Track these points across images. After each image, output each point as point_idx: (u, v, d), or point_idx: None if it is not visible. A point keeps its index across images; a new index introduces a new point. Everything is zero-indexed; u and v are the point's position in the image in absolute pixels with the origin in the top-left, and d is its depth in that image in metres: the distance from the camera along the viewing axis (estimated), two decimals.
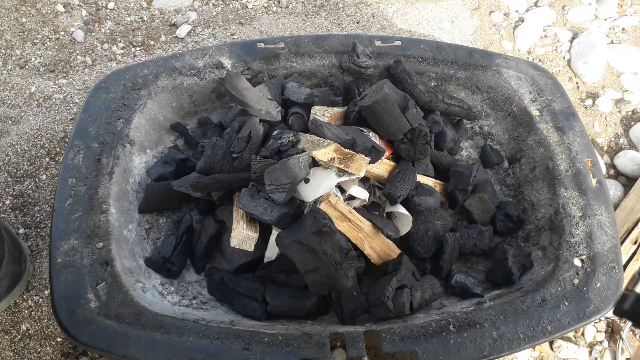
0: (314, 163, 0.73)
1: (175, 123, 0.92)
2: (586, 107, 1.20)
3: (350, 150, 0.68)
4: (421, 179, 0.81)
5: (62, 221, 0.75)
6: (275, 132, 0.75)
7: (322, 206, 0.69)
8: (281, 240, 0.68)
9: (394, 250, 0.78)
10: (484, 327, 0.71)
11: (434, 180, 0.86)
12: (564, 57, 1.28)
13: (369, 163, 0.71)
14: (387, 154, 0.79)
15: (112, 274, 0.72)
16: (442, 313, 0.75)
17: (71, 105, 1.08)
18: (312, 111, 0.79)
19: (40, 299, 0.86)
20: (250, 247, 0.70)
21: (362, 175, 0.70)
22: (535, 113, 0.93)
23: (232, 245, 0.69)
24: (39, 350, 0.82)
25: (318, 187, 0.69)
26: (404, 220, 0.77)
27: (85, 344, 0.66)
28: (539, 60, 1.28)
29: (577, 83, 1.24)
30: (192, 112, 0.96)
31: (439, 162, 0.89)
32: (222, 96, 0.95)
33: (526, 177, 0.92)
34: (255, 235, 0.70)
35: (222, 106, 0.95)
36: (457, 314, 0.72)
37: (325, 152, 0.68)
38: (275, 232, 0.73)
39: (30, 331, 0.83)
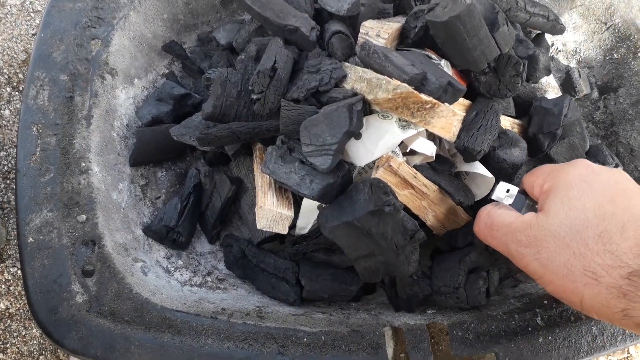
0: (367, 109, 0.53)
1: (168, 42, 0.69)
2: None
3: (431, 98, 0.47)
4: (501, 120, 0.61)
5: (29, 185, 0.56)
6: (309, 62, 0.54)
7: (380, 174, 0.50)
8: (326, 221, 0.49)
9: (462, 217, 0.60)
10: (580, 319, 0.56)
11: (511, 120, 0.65)
12: None
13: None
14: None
15: (102, 256, 0.55)
16: (523, 298, 0.59)
17: (32, 14, 0.83)
18: (362, 29, 0.55)
19: (20, 270, 0.70)
20: (283, 228, 0.52)
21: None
22: None
23: (259, 227, 0.51)
24: (23, 333, 0.68)
25: (374, 146, 0.49)
26: (480, 182, 0.58)
27: (73, 350, 0.52)
28: None
29: None
30: (190, 26, 0.72)
31: (517, 94, 0.67)
32: (229, 3, 0.71)
33: (624, 114, 0.72)
34: (290, 214, 0.51)
35: (230, 19, 0.71)
36: (545, 302, 0.57)
37: (390, 98, 0.47)
38: None
39: (10, 310, 0.68)
